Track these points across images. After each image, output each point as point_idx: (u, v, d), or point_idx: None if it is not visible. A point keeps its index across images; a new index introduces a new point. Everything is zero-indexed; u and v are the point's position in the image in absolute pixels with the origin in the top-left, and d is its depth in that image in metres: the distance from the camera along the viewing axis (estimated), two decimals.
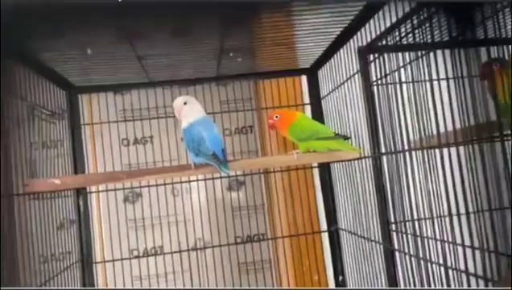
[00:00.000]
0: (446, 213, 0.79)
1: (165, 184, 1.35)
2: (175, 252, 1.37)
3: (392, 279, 0.97)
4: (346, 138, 1.10)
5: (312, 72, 1.40)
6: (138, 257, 1.41)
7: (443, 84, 0.79)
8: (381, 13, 0.91)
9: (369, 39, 0.99)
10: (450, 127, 0.79)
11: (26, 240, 0.93)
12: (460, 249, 0.76)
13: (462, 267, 0.76)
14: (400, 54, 0.91)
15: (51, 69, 1.14)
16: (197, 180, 1.37)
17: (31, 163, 1.00)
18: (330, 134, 1.08)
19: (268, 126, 1.16)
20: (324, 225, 1.44)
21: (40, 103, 1.09)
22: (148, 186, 1.35)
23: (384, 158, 0.99)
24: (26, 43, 0.96)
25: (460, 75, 0.78)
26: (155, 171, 1.02)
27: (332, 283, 1.42)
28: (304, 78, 1.44)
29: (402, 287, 0.92)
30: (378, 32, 0.94)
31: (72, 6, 0.78)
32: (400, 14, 0.85)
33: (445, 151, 0.80)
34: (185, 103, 1.04)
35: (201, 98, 1.33)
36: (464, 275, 0.74)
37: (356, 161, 1.14)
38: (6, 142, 0.88)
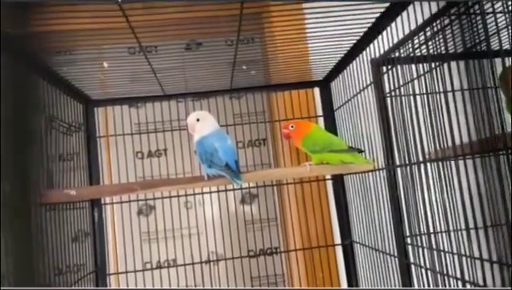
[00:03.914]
0: (463, 226, 0.77)
1: (178, 196, 1.36)
2: (187, 264, 1.37)
3: None
4: (360, 151, 1.10)
5: (325, 84, 1.40)
6: (151, 269, 1.41)
7: (458, 95, 0.79)
8: (394, 24, 0.91)
9: (382, 51, 0.99)
10: (465, 139, 0.78)
11: (43, 251, 0.94)
12: (477, 263, 0.74)
13: (480, 281, 0.74)
14: (413, 65, 0.91)
15: (68, 83, 1.16)
16: (210, 192, 1.37)
17: (48, 174, 1.01)
18: (344, 147, 1.08)
19: (283, 135, 1.16)
20: (337, 238, 1.42)
21: (58, 116, 1.11)
22: (162, 198, 1.35)
23: (398, 170, 0.98)
24: (44, 58, 0.99)
25: (474, 86, 0.78)
26: (169, 182, 1.03)
27: None
28: (317, 90, 1.44)
29: (415, 288, 0.90)
30: (391, 44, 0.94)
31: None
32: (413, 26, 0.85)
33: (461, 162, 0.79)
34: (198, 120, 1.05)
35: (215, 111, 1.35)
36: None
37: (370, 173, 1.13)
38: (24, 153, 0.89)
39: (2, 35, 0.80)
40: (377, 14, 0.91)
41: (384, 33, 0.95)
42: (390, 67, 0.98)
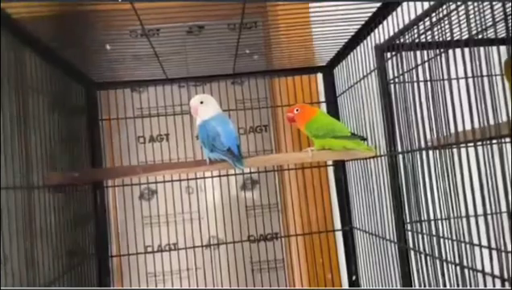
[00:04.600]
0: (463, 213, 0.78)
1: (180, 180, 1.36)
2: (188, 248, 1.38)
3: (406, 279, 0.96)
4: (363, 138, 1.09)
5: (328, 70, 1.40)
6: (152, 252, 1.43)
7: (462, 82, 0.78)
8: (399, 10, 0.90)
9: (386, 37, 0.98)
10: (468, 126, 0.78)
11: (46, 233, 0.95)
12: (476, 249, 0.75)
13: (479, 267, 0.74)
14: (418, 52, 0.90)
15: (71, 65, 1.16)
16: (212, 177, 1.37)
17: (51, 156, 1.02)
18: (347, 134, 1.08)
19: (287, 118, 1.16)
20: (338, 224, 1.43)
21: (60, 99, 1.11)
22: (163, 182, 1.36)
23: (400, 156, 0.98)
24: (47, 40, 0.98)
25: (479, 74, 0.77)
26: (171, 166, 1.04)
27: (345, 283, 1.41)
28: (320, 76, 1.43)
29: (417, 288, 0.91)
30: (396, 30, 0.93)
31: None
32: (419, 12, 0.84)
33: (463, 150, 0.79)
34: (202, 102, 1.05)
35: (217, 96, 1.34)
36: (480, 275, 0.73)
37: (371, 160, 1.14)
38: (27, 136, 0.90)
39: (5, 16, 0.80)
40: None
41: (389, 18, 0.94)
42: (394, 53, 0.97)
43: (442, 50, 0.83)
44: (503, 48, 0.92)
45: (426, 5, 0.83)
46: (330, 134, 1.07)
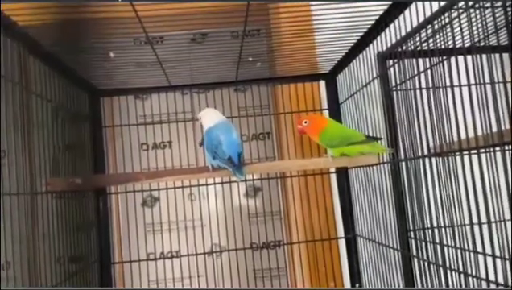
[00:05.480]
0: (466, 221, 0.77)
1: (182, 187, 1.36)
2: (191, 255, 1.38)
3: (410, 287, 0.95)
4: (377, 139, 1.08)
5: (331, 77, 1.40)
6: (155, 259, 1.42)
7: (465, 89, 0.78)
8: (401, 17, 0.91)
9: (388, 44, 0.98)
10: (471, 133, 0.78)
11: (48, 239, 0.96)
12: (480, 257, 0.74)
13: (482, 275, 0.74)
14: (420, 59, 0.90)
15: (74, 72, 1.17)
16: (214, 184, 1.37)
17: (54, 162, 1.02)
18: (361, 138, 1.07)
19: (298, 131, 1.15)
20: (341, 232, 1.42)
21: (64, 105, 1.12)
22: (166, 189, 1.36)
23: (403, 164, 0.98)
24: (51, 47, 0.99)
25: (482, 81, 0.77)
26: (173, 172, 1.04)
27: None
28: (323, 83, 1.44)
29: (419, 288, 0.90)
30: (398, 37, 0.93)
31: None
32: (421, 19, 0.85)
33: (466, 157, 0.78)
34: (199, 118, 1.10)
35: (220, 103, 1.35)
36: (484, 283, 0.72)
37: (374, 167, 1.13)
38: (31, 142, 0.90)
39: (9, 22, 0.81)
40: (385, 7, 0.91)
41: (391, 26, 0.95)
42: (396, 60, 0.98)
43: (444, 57, 0.84)
44: (506, 55, 0.92)
45: (428, 11, 0.83)
46: (345, 142, 1.06)
